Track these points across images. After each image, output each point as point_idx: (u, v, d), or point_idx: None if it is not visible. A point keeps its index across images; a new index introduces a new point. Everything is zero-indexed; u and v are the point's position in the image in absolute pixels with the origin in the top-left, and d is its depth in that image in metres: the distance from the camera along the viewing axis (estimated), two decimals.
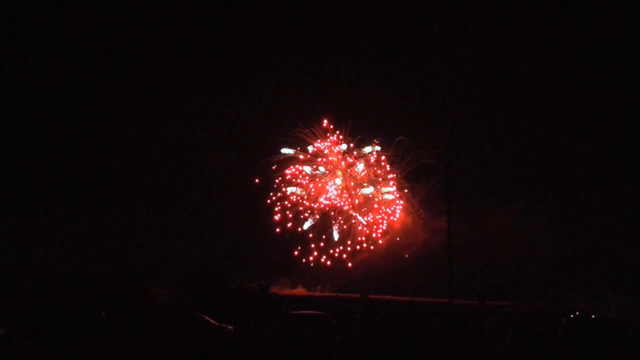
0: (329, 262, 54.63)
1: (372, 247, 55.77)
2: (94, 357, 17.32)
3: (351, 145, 56.00)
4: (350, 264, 54.49)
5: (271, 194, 54.77)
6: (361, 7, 63.40)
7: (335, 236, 55.60)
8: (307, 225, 55.21)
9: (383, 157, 56.17)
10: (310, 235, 55.06)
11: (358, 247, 55.25)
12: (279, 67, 61.23)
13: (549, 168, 57.66)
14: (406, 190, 56.38)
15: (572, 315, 39.30)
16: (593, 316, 36.65)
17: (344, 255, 54.79)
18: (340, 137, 55.73)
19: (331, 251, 55.21)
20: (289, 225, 54.60)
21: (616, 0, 60.00)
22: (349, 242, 55.46)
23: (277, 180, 55.06)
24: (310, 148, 56.09)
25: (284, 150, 54.95)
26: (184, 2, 62.25)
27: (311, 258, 54.78)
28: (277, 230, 54.25)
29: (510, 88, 60.72)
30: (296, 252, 54.62)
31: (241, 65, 62.25)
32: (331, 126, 55.29)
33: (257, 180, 54.52)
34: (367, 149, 56.17)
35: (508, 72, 59.30)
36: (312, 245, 54.89)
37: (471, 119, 58.07)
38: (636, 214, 52.25)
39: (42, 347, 17.78)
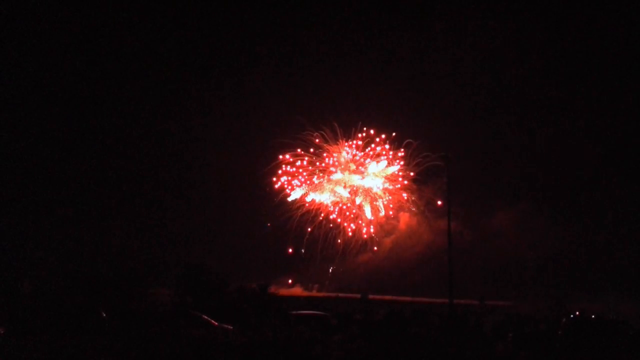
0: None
1: (375, 248, 56.09)
2: (94, 357, 17.31)
3: (360, 152, 55.93)
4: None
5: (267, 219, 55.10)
6: (369, 7, 63.33)
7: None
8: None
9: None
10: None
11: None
12: (285, 69, 61.33)
13: (550, 169, 57.73)
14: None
15: (572, 315, 39.24)
16: (593, 316, 36.61)
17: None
18: (353, 144, 55.80)
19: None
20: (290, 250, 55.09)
21: (616, 0, 59.96)
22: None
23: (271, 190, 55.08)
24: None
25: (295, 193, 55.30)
26: (188, 1, 62.16)
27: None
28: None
29: (512, 89, 60.77)
30: (290, 281, 55.39)
31: (247, 66, 62.19)
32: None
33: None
34: (382, 165, 56.05)
35: (510, 72, 59.35)
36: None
37: (474, 120, 58.23)
38: (636, 214, 52.27)
39: (42, 347, 17.77)
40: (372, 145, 55.66)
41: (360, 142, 55.69)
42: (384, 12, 61.70)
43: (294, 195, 55.26)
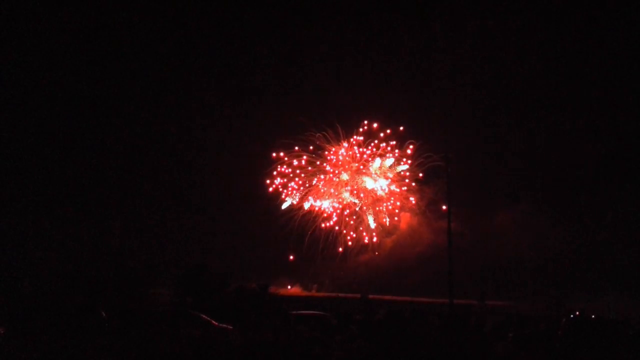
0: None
1: (377, 253, 55.98)
2: (94, 357, 17.31)
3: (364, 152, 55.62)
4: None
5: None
6: (369, 7, 63.24)
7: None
8: None
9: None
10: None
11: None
12: (285, 69, 61.23)
13: (550, 169, 57.75)
14: None
15: (572, 315, 39.25)
16: (593, 316, 36.61)
17: None
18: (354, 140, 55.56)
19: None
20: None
21: (616, 0, 59.93)
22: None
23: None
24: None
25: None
26: (188, 1, 62.10)
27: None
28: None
29: (512, 89, 60.74)
30: (289, 286, 55.40)
31: (247, 66, 62.14)
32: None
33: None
34: (389, 162, 55.69)
35: (510, 72, 59.33)
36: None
37: (474, 120, 58.23)
38: (636, 214, 52.25)
39: (42, 347, 17.77)
40: (376, 142, 55.40)
41: (361, 138, 55.63)
42: (384, 12, 61.69)
43: (289, 201, 55.04)
